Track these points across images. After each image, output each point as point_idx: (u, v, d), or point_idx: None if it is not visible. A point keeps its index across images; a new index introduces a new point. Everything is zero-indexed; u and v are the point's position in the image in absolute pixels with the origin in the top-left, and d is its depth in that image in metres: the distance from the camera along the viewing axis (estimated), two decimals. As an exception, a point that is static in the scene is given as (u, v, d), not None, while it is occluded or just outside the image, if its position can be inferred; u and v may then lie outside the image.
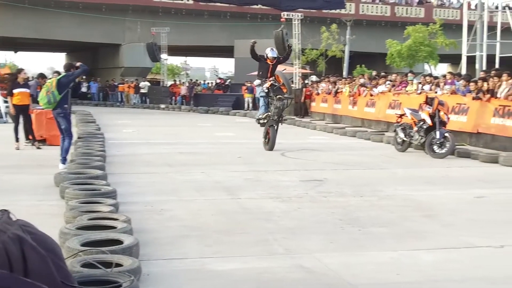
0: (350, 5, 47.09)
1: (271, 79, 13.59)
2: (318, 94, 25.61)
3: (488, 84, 14.29)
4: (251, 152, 13.33)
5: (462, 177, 10.09)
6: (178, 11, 43.86)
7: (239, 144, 15.32)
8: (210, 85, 45.32)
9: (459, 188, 8.98)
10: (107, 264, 4.41)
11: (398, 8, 50.24)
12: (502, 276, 4.80)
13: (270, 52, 13.84)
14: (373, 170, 10.87)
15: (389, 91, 19.27)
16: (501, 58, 29.02)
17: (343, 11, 42.15)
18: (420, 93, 16.94)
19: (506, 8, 32.57)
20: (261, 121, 13.85)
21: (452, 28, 41.98)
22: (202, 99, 35.38)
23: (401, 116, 14.16)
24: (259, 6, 38.16)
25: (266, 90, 13.63)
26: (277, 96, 13.43)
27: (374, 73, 28.73)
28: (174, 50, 46.95)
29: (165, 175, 9.87)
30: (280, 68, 33.04)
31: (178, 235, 5.98)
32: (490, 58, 28.87)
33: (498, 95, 13.72)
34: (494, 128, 13.82)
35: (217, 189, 8.65)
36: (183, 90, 37.11)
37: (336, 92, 23.28)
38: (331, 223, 6.59)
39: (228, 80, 44.33)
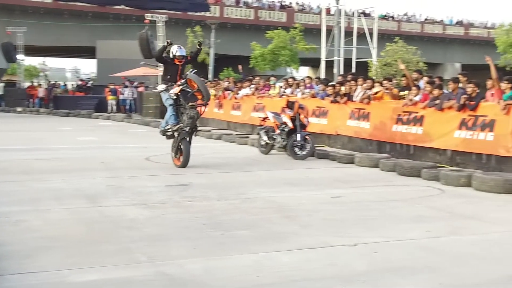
0: (215, 8, 47.64)
1: (179, 83, 11.50)
2: (183, 96, 25.55)
3: (345, 88, 15.04)
4: (115, 157, 13.05)
5: (321, 178, 10.53)
6: (36, 10, 42.03)
7: (102, 148, 14.96)
8: (71, 86, 43.85)
9: (318, 188, 9.36)
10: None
11: (261, 12, 51.55)
12: (354, 273, 5.06)
13: (179, 51, 11.73)
14: (237, 173, 11.05)
15: (253, 94, 19.68)
16: (357, 62, 30.63)
17: (208, 14, 42.57)
18: (282, 96, 17.47)
19: (362, 15, 34.46)
20: (168, 133, 11.84)
21: (312, 32, 43.69)
22: (62, 101, 34.13)
23: (264, 119, 14.51)
24: (122, 6, 37.59)
25: (175, 97, 11.57)
26: (189, 104, 11.40)
27: (240, 67, 29.32)
28: (32, 50, 44.94)
29: (21, 183, 9.40)
30: (145, 70, 32.31)
31: (35, 247, 5.72)
32: (347, 62, 30.38)
33: (354, 99, 14.48)
34: (350, 130, 14.57)
35: (78, 197, 8.37)
36: (41, 92, 35.61)
37: (202, 95, 23.36)
38: (195, 228, 6.61)
39: (90, 82, 43.12)
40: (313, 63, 47.21)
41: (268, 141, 13.87)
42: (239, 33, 48.89)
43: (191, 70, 11.67)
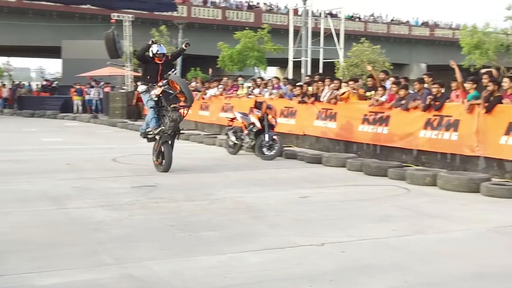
0: (182, 8, 47.38)
1: (161, 84, 10.95)
2: (150, 97, 25.37)
3: (312, 88, 15.11)
4: (81, 158, 12.90)
5: (289, 178, 10.56)
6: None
7: (68, 150, 14.77)
8: (36, 86, 43.21)
9: (286, 189, 9.39)
10: None
11: (229, 12, 51.46)
12: (321, 272, 5.09)
13: (159, 49, 11.13)
14: (205, 174, 11.01)
15: (221, 94, 19.65)
16: (324, 63, 30.81)
17: (175, 13, 42.28)
18: (250, 96, 17.49)
19: (329, 15, 34.68)
20: (149, 136, 11.38)
21: (280, 32, 43.76)
22: (27, 102, 33.68)
23: (232, 119, 14.51)
24: (88, 6, 37.14)
25: (156, 98, 11.04)
26: (172, 106, 10.89)
27: (210, 70, 29.23)
28: (-4, 50, 44.18)
29: (-16, 185, 9.22)
30: (111, 70, 31.98)
31: (-1, 251, 5.63)
32: (315, 63, 30.53)
33: (321, 99, 14.55)
34: (317, 130, 14.65)
35: (43, 199, 8.25)
36: (5, 92, 35.08)
37: (169, 95, 23.24)
38: (162, 230, 6.57)
39: (55, 82, 42.54)
40: (281, 63, 47.34)
41: (236, 142, 13.87)
42: (207, 33, 48.72)
43: (173, 70, 11.26)
